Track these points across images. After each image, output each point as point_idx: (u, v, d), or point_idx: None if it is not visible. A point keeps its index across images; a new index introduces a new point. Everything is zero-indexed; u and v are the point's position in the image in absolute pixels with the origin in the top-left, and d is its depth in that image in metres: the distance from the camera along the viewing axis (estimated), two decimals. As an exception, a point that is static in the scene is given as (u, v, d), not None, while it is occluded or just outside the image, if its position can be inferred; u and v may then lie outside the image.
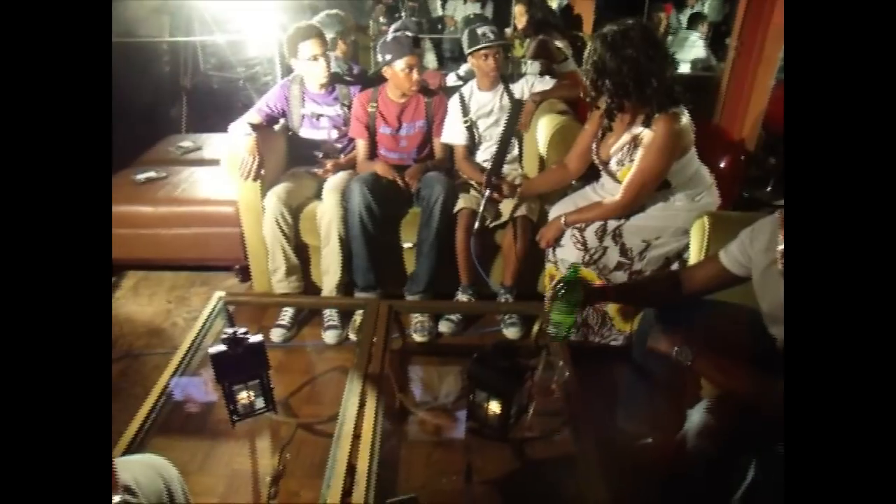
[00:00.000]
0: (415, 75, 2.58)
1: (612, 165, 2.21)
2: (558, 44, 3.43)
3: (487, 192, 2.46)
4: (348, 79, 2.86)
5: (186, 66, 4.46)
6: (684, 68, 5.02)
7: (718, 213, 2.08)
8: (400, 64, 2.55)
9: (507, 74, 2.77)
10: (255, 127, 2.61)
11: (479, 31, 2.58)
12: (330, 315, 2.56)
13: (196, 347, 1.94)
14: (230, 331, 1.54)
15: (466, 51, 2.65)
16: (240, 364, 1.56)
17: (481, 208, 2.44)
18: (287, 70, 2.97)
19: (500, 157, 2.53)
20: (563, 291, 1.55)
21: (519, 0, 3.84)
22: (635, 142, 2.11)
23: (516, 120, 2.52)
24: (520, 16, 3.74)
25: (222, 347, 1.54)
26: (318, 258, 2.61)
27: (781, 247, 1.24)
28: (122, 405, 2.15)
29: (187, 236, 2.89)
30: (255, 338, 1.57)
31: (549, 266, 2.42)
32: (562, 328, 1.58)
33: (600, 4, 5.42)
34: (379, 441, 1.58)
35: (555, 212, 2.40)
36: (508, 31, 4.05)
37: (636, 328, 2.27)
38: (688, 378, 1.72)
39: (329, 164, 2.73)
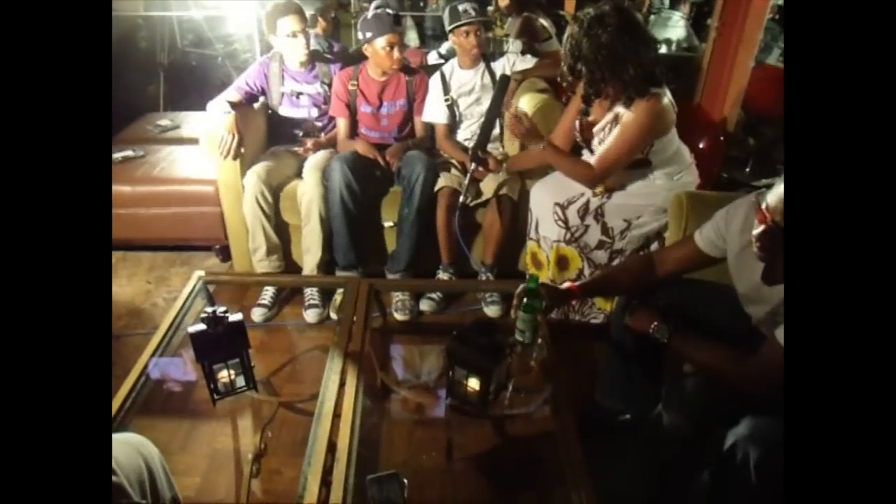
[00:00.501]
0: (395, 53, 2.55)
1: (595, 144, 2.22)
2: (543, 22, 3.40)
3: (472, 166, 2.45)
4: (328, 56, 2.82)
5: (163, 42, 4.36)
6: (666, 48, 5.02)
7: (697, 193, 2.10)
8: (381, 42, 2.52)
9: (488, 53, 2.75)
10: (234, 105, 2.57)
11: (461, 7, 2.56)
12: (311, 294, 2.55)
13: (176, 327, 1.92)
14: (210, 310, 1.53)
15: (447, 27, 2.62)
16: (219, 343, 1.55)
17: (465, 184, 2.44)
18: (266, 47, 2.92)
19: (486, 132, 2.52)
20: (525, 300, 1.60)
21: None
22: (616, 120, 2.12)
23: (502, 96, 2.51)
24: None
25: (202, 327, 1.53)
26: (299, 237, 2.59)
27: (757, 230, 1.25)
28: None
29: (166, 216, 2.85)
30: (235, 316, 1.56)
31: (530, 244, 2.44)
32: (527, 335, 1.64)
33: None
34: (359, 419, 1.58)
35: (536, 190, 2.40)
36: (490, 8, 4.01)
37: (615, 306, 2.31)
38: (665, 355, 1.75)
39: (309, 143, 2.70)
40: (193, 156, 3.00)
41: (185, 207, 2.83)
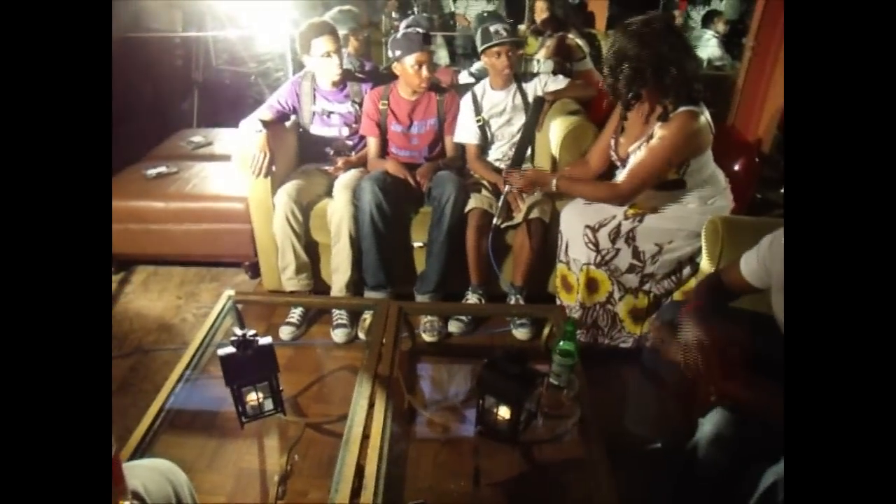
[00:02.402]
0: (424, 72, 2.56)
1: (630, 163, 2.19)
2: (578, 41, 3.40)
3: (507, 188, 2.43)
4: (360, 76, 2.84)
5: (198, 60, 4.45)
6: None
7: (732, 218, 2.06)
8: (410, 60, 2.53)
9: (519, 73, 2.75)
10: (266, 124, 2.60)
11: (492, 28, 2.56)
12: (339, 314, 2.55)
13: (205, 347, 1.93)
14: (239, 332, 1.53)
15: (479, 48, 2.63)
16: (249, 366, 1.55)
17: (499, 206, 2.43)
18: (299, 66, 2.96)
19: (520, 154, 2.51)
20: (561, 344, 1.66)
21: (541, -1, 3.82)
22: (651, 139, 2.09)
23: (537, 117, 2.50)
24: (540, 12, 3.70)
25: (231, 349, 1.53)
26: (328, 256, 2.60)
27: None
28: (131, 401, 2.16)
29: (198, 232, 2.89)
30: (265, 340, 1.56)
31: (560, 266, 2.41)
32: (563, 378, 1.69)
33: (615, 1, 5.37)
34: (388, 443, 1.57)
35: (567, 212, 2.38)
36: (522, 27, 4.02)
37: (646, 330, 2.26)
38: (700, 385, 1.70)
39: (340, 162, 2.72)
40: (225, 173, 3.04)
41: (216, 224, 2.87)
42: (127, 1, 3.63)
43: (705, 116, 2.05)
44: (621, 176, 2.17)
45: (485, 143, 2.75)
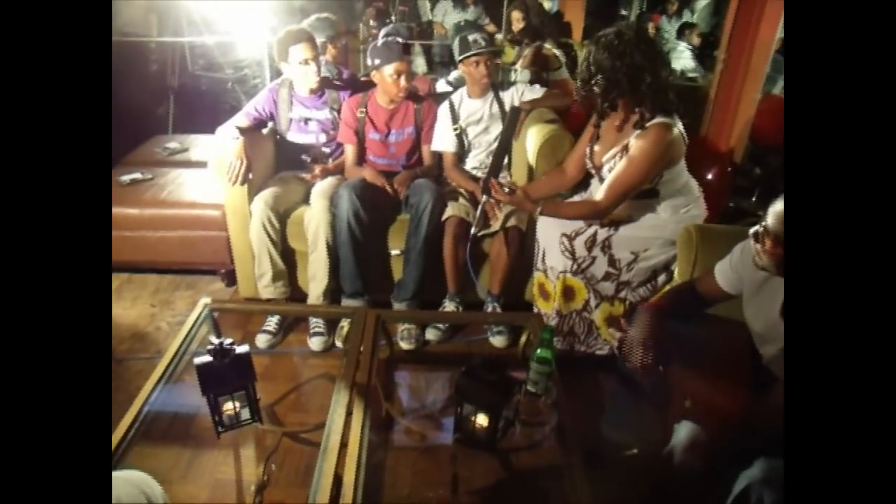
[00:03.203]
0: (403, 82, 2.56)
1: (605, 172, 2.22)
2: (554, 51, 3.43)
3: (484, 198, 2.44)
4: (338, 83, 2.84)
5: (174, 65, 4.41)
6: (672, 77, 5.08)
7: (706, 226, 2.09)
8: (389, 69, 2.54)
9: (497, 82, 2.77)
10: (242, 131, 2.58)
11: (471, 37, 2.57)
12: (316, 322, 2.54)
13: (181, 356, 1.91)
14: (216, 341, 1.51)
15: (457, 57, 2.64)
16: (225, 375, 1.54)
17: (478, 214, 2.44)
18: (276, 73, 2.94)
19: (497, 164, 2.53)
20: (539, 352, 1.68)
21: (515, 7, 3.83)
22: (626, 149, 2.12)
23: (513, 128, 2.52)
24: (516, 21, 3.73)
25: (208, 358, 1.51)
26: (305, 263, 2.59)
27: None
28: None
29: (173, 239, 2.86)
30: (242, 348, 1.55)
31: (537, 274, 2.42)
32: (540, 385, 1.72)
33: (589, 12, 5.44)
34: (366, 451, 1.57)
35: (543, 221, 2.39)
36: (499, 36, 4.05)
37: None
38: (675, 390, 1.73)
39: (318, 169, 2.71)
40: (201, 179, 3.01)
41: (191, 231, 2.84)
42: (98, 2, 3.58)
43: (678, 128, 2.09)
44: (600, 192, 2.18)
45: (462, 152, 2.76)
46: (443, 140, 2.72)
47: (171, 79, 4.40)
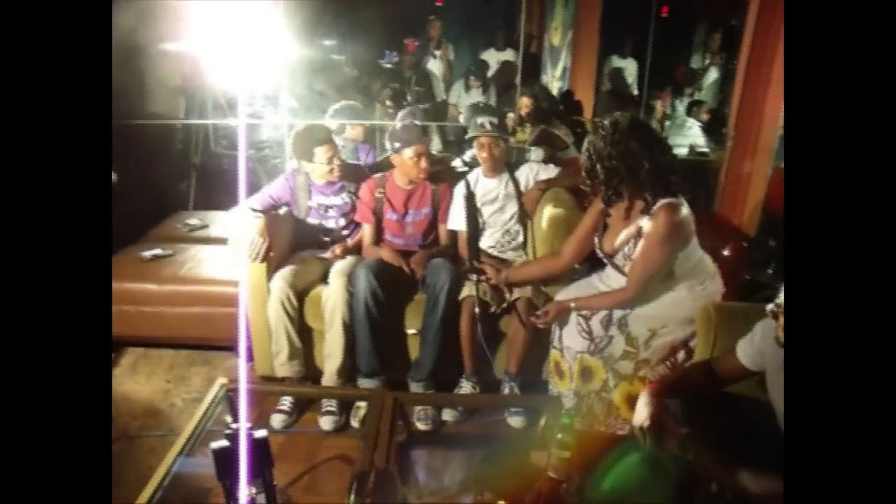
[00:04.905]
0: (423, 163, 2.64)
1: (619, 259, 2.23)
2: (558, 132, 3.52)
3: (474, 278, 2.48)
4: (355, 167, 2.90)
5: (197, 144, 4.57)
6: (682, 152, 5.16)
7: (725, 305, 2.10)
8: (409, 152, 2.62)
9: (511, 161, 2.84)
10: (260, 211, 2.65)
11: (479, 120, 2.66)
12: (328, 401, 2.52)
13: (196, 437, 1.90)
14: (234, 426, 1.51)
15: (467, 137, 2.73)
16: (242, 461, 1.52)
17: (475, 292, 2.46)
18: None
19: (473, 243, 2.58)
20: (559, 437, 1.65)
21: (524, 93, 3.99)
22: (640, 234, 2.15)
23: (475, 212, 2.59)
24: (524, 106, 3.88)
25: (224, 443, 1.50)
26: (322, 342, 2.60)
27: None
28: (115, 491, 2.08)
29: (191, 315, 2.89)
30: (260, 433, 1.53)
31: (553, 352, 2.41)
32: (561, 471, 1.68)
33: (598, 90, 5.62)
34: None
35: (559, 298, 2.40)
36: (512, 115, 4.18)
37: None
38: (700, 473, 1.69)
39: (338, 249, 2.75)
40: (220, 256, 3.07)
41: (209, 307, 2.87)
42: (134, 84, 3.76)
43: (685, 208, 2.12)
44: (620, 278, 2.22)
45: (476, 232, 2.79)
46: (459, 219, 2.76)
47: (193, 157, 4.55)
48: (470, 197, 2.62)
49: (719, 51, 6.21)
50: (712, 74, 6.30)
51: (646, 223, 2.12)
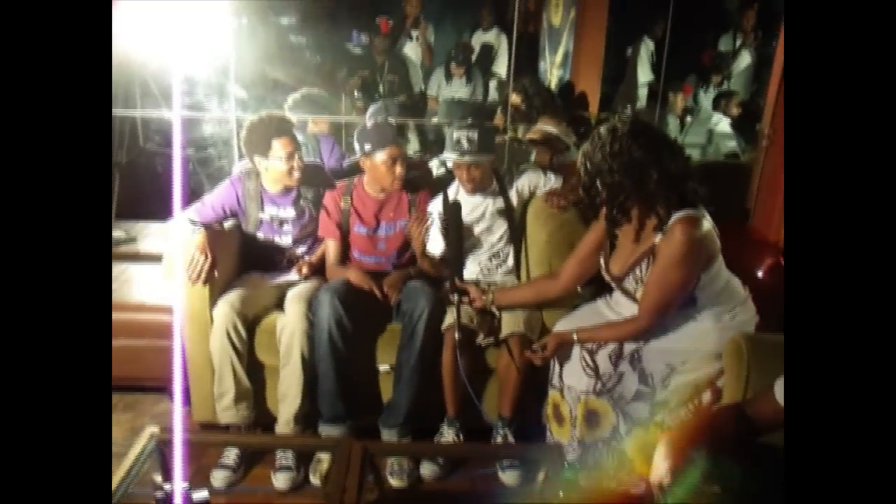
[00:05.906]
0: (398, 169, 2.65)
1: (629, 283, 2.27)
2: (556, 131, 3.52)
3: (456, 299, 2.49)
4: (317, 162, 2.91)
5: (123, 139, 4.52)
6: (700, 154, 5.23)
7: (759, 336, 2.10)
8: (381, 155, 2.62)
9: (502, 172, 2.85)
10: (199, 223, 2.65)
11: (455, 135, 2.61)
12: (283, 454, 2.53)
13: (119, 501, 1.89)
14: (167, 487, 1.52)
15: (441, 156, 2.74)
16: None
17: (457, 317, 2.47)
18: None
19: (455, 262, 2.59)
20: (561, 495, 1.74)
21: (514, 89, 4.03)
22: (653, 253, 2.18)
23: (459, 222, 2.60)
24: (514, 104, 3.93)
25: (157, 509, 1.51)
26: (275, 381, 2.61)
27: None
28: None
29: (114, 350, 2.87)
30: (200, 494, 1.55)
31: (552, 393, 2.41)
32: None
33: (606, 80, 5.62)
34: None
35: (560, 327, 2.42)
36: (498, 113, 4.23)
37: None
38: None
39: (305, 267, 2.75)
40: (151, 276, 3.06)
41: (136, 340, 2.85)
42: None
43: (708, 221, 2.15)
44: (631, 307, 2.25)
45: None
46: (436, 240, 2.75)
47: (117, 154, 4.50)
48: (454, 207, 2.62)
49: (753, 30, 6.28)
50: (744, 59, 6.37)
51: (660, 240, 2.15)
